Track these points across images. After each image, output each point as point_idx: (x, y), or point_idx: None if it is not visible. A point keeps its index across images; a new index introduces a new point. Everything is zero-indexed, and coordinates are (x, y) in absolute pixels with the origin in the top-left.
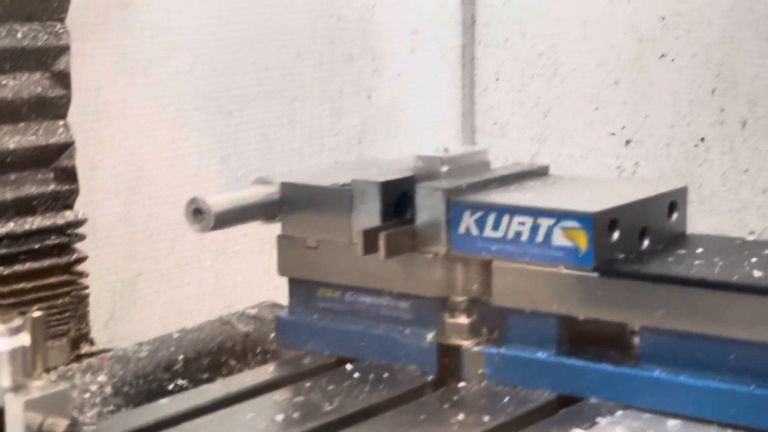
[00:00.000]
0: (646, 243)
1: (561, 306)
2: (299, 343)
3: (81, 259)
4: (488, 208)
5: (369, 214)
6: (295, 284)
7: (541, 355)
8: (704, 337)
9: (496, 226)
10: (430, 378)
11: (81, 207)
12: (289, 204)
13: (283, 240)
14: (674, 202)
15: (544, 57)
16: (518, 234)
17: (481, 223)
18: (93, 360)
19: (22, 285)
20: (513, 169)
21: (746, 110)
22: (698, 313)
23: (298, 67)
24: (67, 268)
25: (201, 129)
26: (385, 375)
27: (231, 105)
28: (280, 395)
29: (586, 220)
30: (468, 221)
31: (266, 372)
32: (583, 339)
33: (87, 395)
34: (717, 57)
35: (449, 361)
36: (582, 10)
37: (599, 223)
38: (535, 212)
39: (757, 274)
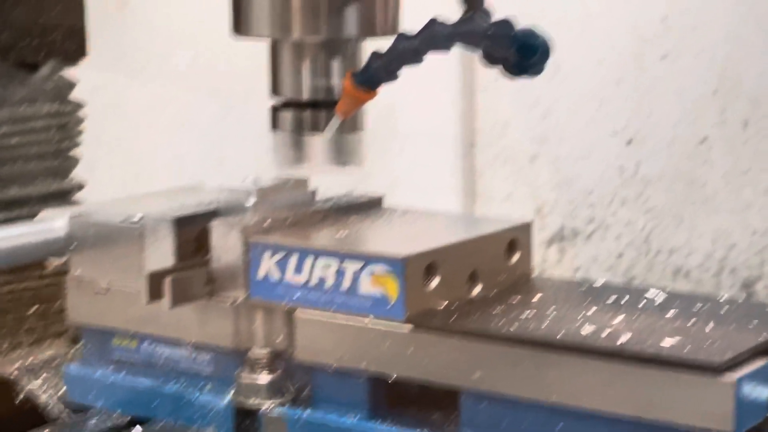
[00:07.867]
0: (477, 289)
1: (370, 363)
2: (89, 400)
3: None
4: (289, 249)
5: (161, 255)
6: (87, 332)
7: (349, 419)
8: (525, 402)
9: (298, 270)
10: None
11: None
12: (79, 241)
13: (73, 282)
14: (514, 240)
15: None
16: (322, 280)
17: (282, 267)
18: None
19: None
20: (339, 201)
21: (749, 110)
22: (517, 376)
23: None
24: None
25: (199, 129)
26: None
27: (230, 104)
28: None
29: (396, 264)
30: (268, 264)
31: None
32: (405, 399)
33: None
34: (720, 56)
35: (249, 424)
36: (582, 9)
37: (412, 268)
38: (341, 255)
39: (586, 329)
